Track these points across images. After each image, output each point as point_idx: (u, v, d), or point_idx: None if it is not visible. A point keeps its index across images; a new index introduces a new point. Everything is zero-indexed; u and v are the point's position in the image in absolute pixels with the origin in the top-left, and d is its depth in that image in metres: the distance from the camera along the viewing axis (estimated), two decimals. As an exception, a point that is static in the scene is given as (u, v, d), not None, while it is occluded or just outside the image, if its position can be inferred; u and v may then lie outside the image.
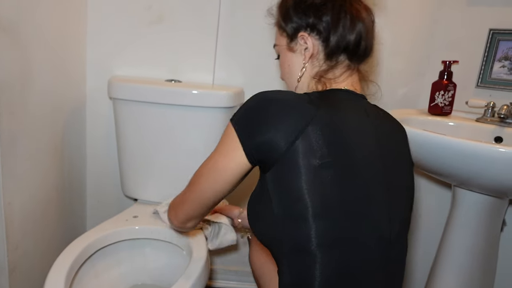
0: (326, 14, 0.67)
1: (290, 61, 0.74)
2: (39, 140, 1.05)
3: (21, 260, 1.00)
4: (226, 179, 0.68)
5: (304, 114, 0.60)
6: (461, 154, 0.85)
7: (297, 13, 0.70)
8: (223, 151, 0.67)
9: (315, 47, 0.69)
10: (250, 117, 0.63)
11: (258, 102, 0.64)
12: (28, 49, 0.95)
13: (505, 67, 1.20)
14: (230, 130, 0.65)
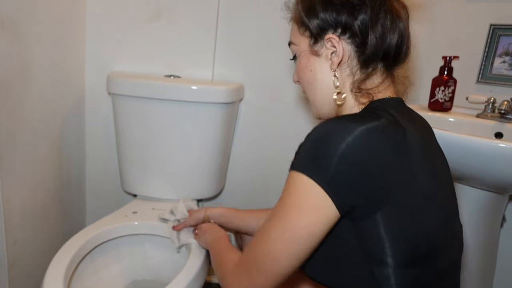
0: (364, 12, 0.57)
1: (312, 66, 0.63)
2: (38, 136, 1.04)
3: (20, 254, 1.00)
4: (311, 244, 0.56)
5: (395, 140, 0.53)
6: (462, 149, 0.85)
7: (327, 9, 0.59)
8: (303, 210, 0.54)
9: (346, 53, 0.60)
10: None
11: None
12: (26, 46, 0.94)
13: (505, 63, 1.19)
14: (308, 183, 0.53)
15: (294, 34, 0.66)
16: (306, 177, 0.53)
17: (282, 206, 0.56)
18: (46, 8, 1.02)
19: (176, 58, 1.29)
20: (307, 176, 0.53)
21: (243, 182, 1.45)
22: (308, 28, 0.62)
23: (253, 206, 1.47)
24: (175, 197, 1.24)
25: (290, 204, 0.55)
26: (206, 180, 1.26)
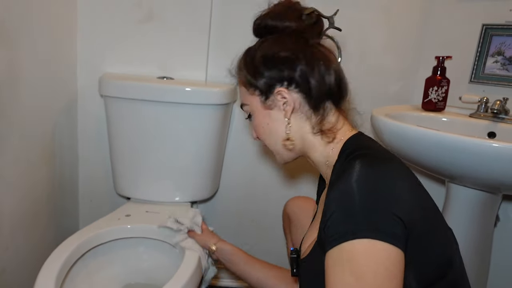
0: (300, 63, 0.65)
1: (268, 119, 0.69)
2: (29, 139, 1.03)
3: (11, 261, 0.99)
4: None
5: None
6: (455, 149, 0.85)
7: (269, 68, 0.66)
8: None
9: (296, 100, 0.66)
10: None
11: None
12: (16, 47, 0.93)
13: (498, 62, 1.20)
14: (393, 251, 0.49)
15: (244, 96, 0.72)
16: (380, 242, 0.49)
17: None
18: (37, 10, 1.01)
19: (169, 59, 1.28)
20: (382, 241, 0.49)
21: (237, 184, 1.44)
22: (257, 88, 0.68)
23: (247, 208, 1.47)
24: (169, 200, 1.24)
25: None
26: (200, 182, 1.25)
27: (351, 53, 1.31)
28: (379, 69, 1.35)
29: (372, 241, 0.48)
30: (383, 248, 0.48)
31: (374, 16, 1.30)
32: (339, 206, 0.52)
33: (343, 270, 0.49)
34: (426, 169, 1.02)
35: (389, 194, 0.51)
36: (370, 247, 0.48)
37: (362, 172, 0.52)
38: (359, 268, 0.48)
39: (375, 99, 1.37)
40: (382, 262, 0.48)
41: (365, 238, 0.48)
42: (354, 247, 0.49)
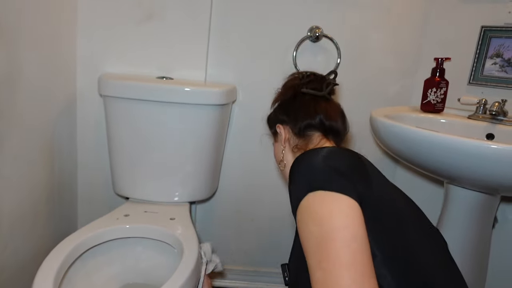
0: (285, 113, 0.85)
1: (276, 149, 0.90)
2: (28, 139, 1.03)
3: (10, 261, 0.99)
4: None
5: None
6: (453, 151, 0.85)
7: (275, 112, 0.89)
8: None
9: (287, 131, 0.84)
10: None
11: None
12: (16, 47, 0.93)
13: (496, 64, 1.20)
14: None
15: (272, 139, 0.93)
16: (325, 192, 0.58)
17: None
18: (36, 9, 1.01)
19: (168, 59, 1.28)
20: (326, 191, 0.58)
21: (236, 184, 1.44)
22: (270, 130, 0.91)
23: (247, 208, 1.47)
24: (168, 200, 1.24)
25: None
26: (199, 182, 1.25)
27: (350, 54, 1.32)
28: (378, 70, 1.35)
29: (323, 192, 0.58)
30: (333, 195, 0.57)
31: (374, 17, 1.30)
32: (291, 181, 0.64)
33: (307, 223, 0.57)
34: (424, 170, 1.03)
35: (327, 159, 0.64)
36: (322, 195, 0.58)
37: (300, 156, 0.68)
38: (317, 215, 0.57)
39: (374, 100, 1.37)
40: (336, 205, 0.56)
41: (316, 190, 0.58)
42: (308, 200, 0.59)
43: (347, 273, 0.52)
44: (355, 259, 0.53)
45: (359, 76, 1.35)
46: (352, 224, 0.55)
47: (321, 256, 0.54)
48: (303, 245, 0.58)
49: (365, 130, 1.39)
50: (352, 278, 0.52)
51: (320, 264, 0.54)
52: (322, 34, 1.28)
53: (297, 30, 1.28)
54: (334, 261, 0.53)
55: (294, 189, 0.63)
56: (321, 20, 1.28)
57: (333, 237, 0.54)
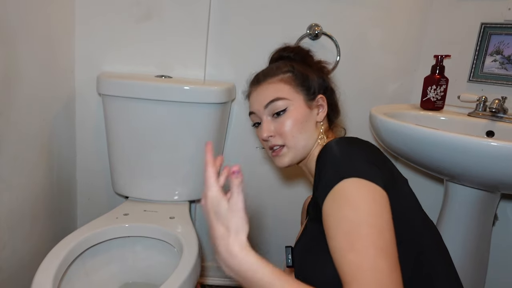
0: (328, 80, 0.83)
1: (307, 117, 0.78)
2: (26, 138, 1.03)
3: (9, 260, 0.99)
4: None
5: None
6: (453, 148, 0.85)
7: (319, 75, 0.81)
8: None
9: (326, 109, 0.80)
10: None
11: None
12: (14, 46, 0.93)
13: (496, 61, 1.20)
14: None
15: (284, 92, 0.78)
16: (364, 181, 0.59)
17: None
18: (35, 8, 1.00)
19: (167, 58, 1.28)
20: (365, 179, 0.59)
21: (236, 183, 1.44)
22: (305, 88, 0.79)
23: (247, 207, 1.47)
24: (167, 199, 1.24)
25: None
26: (198, 180, 1.25)
27: (350, 52, 1.31)
28: (377, 68, 1.35)
29: (357, 179, 0.58)
30: (368, 183, 0.58)
31: (373, 14, 1.30)
32: (325, 167, 0.63)
33: (340, 207, 0.57)
34: (424, 168, 1.02)
35: (360, 149, 0.65)
36: (357, 182, 0.58)
37: (334, 143, 0.66)
38: (352, 200, 0.57)
39: (373, 98, 1.37)
40: (370, 193, 0.57)
41: (351, 177, 0.58)
42: (344, 185, 0.58)
43: (384, 257, 0.52)
44: (388, 247, 0.54)
45: (359, 73, 1.35)
46: (386, 214, 0.57)
47: (354, 240, 0.54)
48: (331, 227, 0.57)
49: (365, 128, 1.38)
50: (388, 263, 0.52)
51: (353, 246, 0.53)
52: (321, 32, 1.27)
53: (296, 27, 1.28)
54: (370, 245, 0.53)
55: (324, 176, 0.62)
56: (321, 18, 1.28)
57: (369, 223, 0.54)
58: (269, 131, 0.78)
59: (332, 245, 0.57)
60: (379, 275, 0.51)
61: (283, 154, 0.78)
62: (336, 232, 0.56)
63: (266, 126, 0.78)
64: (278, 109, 0.77)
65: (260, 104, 0.79)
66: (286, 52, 0.87)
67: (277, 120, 0.77)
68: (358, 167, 0.60)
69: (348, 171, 0.59)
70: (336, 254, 0.55)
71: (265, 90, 0.79)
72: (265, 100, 0.78)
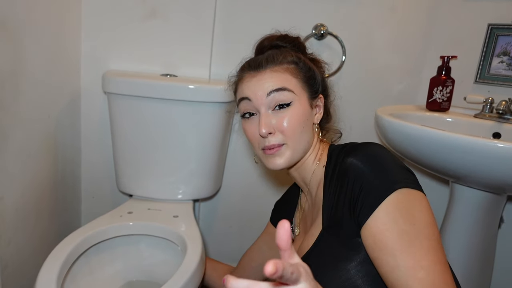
0: (327, 80, 0.78)
1: (308, 116, 0.71)
2: (32, 134, 1.03)
3: (13, 256, 0.99)
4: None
5: None
6: (460, 149, 0.84)
7: (321, 73, 0.77)
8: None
9: (323, 110, 0.76)
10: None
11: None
12: (21, 43, 0.93)
13: (503, 63, 1.19)
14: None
15: (291, 84, 0.70)
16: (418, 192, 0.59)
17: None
18: (41, 6, 1.01)
19: (172, 57, 1.28)
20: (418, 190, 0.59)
21: (240, 182, 1.44)
22: (311, 85, 0.73)
23: (250, 206, 1.47)
24: (171, 198, 1.24)
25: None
26: (202, 180, 1.25)
27: (355, 52, 1.31)
28: (383, 68, 1.34)
29: (409, 189, 0.57)
30: (420, 193, 0.57)
31: (379, 15, 1.29)
32: (361, 182, 0.59)
33: (396, 221, 0.55)
34: (430, 169, 1.02)
35: (387, 155, 0.62)
36: (410, 193, 0.56)
37: (358, 156, 0.62)
38: (408, 212, 0.55)
39: (379, 99, 1.36)
40: (424, 204, 0.57)
41: (402, 188, 0.56)
42: (397, 197, 0.56)
43: (447, 271, 0.54)
44: (444, 256, 0.55)
45: (364, 74, 1.34)
46: (435, 222, 0.57)
47: (419, 256, 0.53)
48: (387, 245, 0.55)
49: (370, 129, 1.38)
50: (450, 276, 0.54)
51: (421, 263, 0.53)
52: (327, 32, 1.27)
53: (302, 27, 1.27)
54: (436, 260, 0.53)
55: (366, 187, 0.58)
56: (326, 18, 1.27)
57: (428, 236, 0.54)
58: (269, 127, 0.67)
59: (391, 263, 0.55)
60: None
61: (280, 154, 0.69)
62: (395, 249, 0.54)
63: (265, 119, 0.67)
64: (282, 101, 0.68)
65: (262, 90, 0.68)
66: (284, 41, 0.78)
67: (278, 115, 0.68)
68: (400, 176, 0.58)
69: (394, 182, 0.57)
70: (399, 273, 0.54)
71: (269, 77, 0.69)
72: (270, 87, 0.68)
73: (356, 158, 0.62)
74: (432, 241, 0.54)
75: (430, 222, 0.55)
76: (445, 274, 0.53)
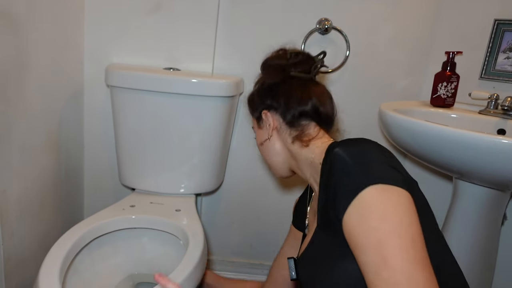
0: (279, 93, 0.77)
1: (262, 137, 0.82)
2: (35, 127, 1.03)
3: (16, 249, 1.00)
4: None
5: None
6: (463, 145, 0.83)
7: (259, 95, 0.81)
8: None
9: (275, 120, 0.78)
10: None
11: None
12: (24, 36, 0.93)
13: (509, 59, 1.18)
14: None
15: (253, 120, 0.85)
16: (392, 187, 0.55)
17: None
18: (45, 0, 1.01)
19: (175, 51, 1.28)
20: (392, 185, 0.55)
21: (242, 177, 1.44)
22: (253, 111, 0.83)
23: (253, 201, 1.47)
24: (174, 192, 1.24)
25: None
26: (205, 174, 1.25)
27: (360, 47, 1.30)
28: (387, 64, 1.33)
29: (382, 185, 0.54)
30: (394, 189, 0.54)
31: (384, 9, 1.28)
32: (340, 176, 0.58)
33: (366, 218, 0.53)
34: (434, 165, 1.01)
35: (373, 151, 0.60)
36: (383, 189, 0.54)
37: (341, 149, 0.61)
38: (379, 210, 0.52)
39: (383, 94, 1.36)
40: (398, 200, 0.53)
41: (375, 184, 0.54)
42: (368, 194, 0.54)
43: (420, 270, 0.50)
44: (422, 256, 0.51)
45: (368, 69, 1.33)
46: (415, 219, 0.53)
47: (386, 254, 0.51)
48: (358, 242, 0.54)
49: (373, 124, 1.37)
50: (425, 276, 0.50)
51: (387, 263, 0.50)
52: (331, 27, 1.26)
53: (305, 22, 1.27)
54: (404, 259, 0.50)
55: (341, 186, 0.58)
56: (331, 12, 1.26)
57: (400, 234, 0.51)
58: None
59: (362, 259, 0.53)
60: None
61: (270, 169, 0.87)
62: (364, 245, 0.53)
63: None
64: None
65: None
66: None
67: None
68: (379, 172, 0.56)
69: (370, 178, 0.55)
70: (367, 270, 0.52)
71: None
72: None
73: (341, 150, 0.61)
74: (405, 239, 0.51)
75: (405, 220, 0.52)
76: (413, 274, 0.49)
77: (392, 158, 0.61)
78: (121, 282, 1.04)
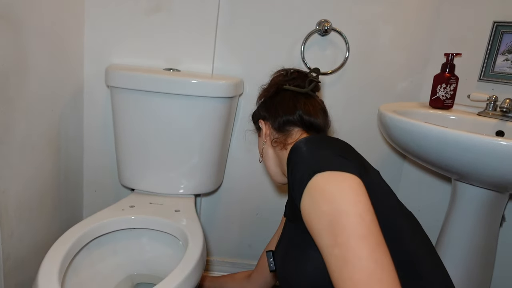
0: (270, 106, 0.87)
1: (261, 145, 0.91)
2: (35, 127, 1.03)
3: (16, 248, 1.00)
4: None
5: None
6: (462, 147, 0.84)
7: (257, 114, 0.92)
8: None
9: (267, 127, 0.87)
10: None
11: None
12: (24, 36, 0.93)
13: (508, 61, 1.18)
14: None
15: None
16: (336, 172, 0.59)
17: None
18: (44, 0, 1.01)
19: (175, 51, 1.28)
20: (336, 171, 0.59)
21: (242, 177, 1.44)
22: (254, 125, 0.94)
23: (252, 202, 1.47)
24: (173, 192, 1.24)
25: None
26: (204, 174, 1.25)
27: (359, 48, 1.30)
28: (387, 65, 1.34)
29: (330, 172, 0.59)
30: (341, 174, 0.59)
31: (384, 11, 1.29)
32: (296, 166, 0.64)
33: (317, 203, 0.57)
34: (433, 166, 1.01)
35: (328, 144, 0.67)
36: (329, 175, 0.58)
37: (301, 142, 0.68)
38: (327, 193, 0.57)
39: (382, 96, 1.36)
40: (345, 183, 0.57)
41: (322, 171, 0.59)
42: (317, 180, 0.59)
43: (365, 244, 0.53)
44: (370, 230, 0.54)
45: (368, 70, 1.34)
46: (363, 198, 0.57)
47: (336, 233, 0.54)
48: (314, 227, 0.58)
49: (372, 125, 1.38)
50: (371, 248, 0.52)
51: (336, 241, 0.54)
52: (331, 28, 1.27)
53: (305, 23, 1.27)
54: (350, 235, 0.53)
55: (296, 175, 0.63)
56: (330, 14, 1.27)
57: (347, 213, 0.54)
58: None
59: (318, 242, 0.57)
60: (364, 262, 0.51)
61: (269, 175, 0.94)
62: (317, 230, 0.57)
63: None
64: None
65: None
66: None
67: None
68: (328, 161, 0.61)
69: (319, 166, 0.60)
70: (323, 251, 0.56)
71: None
72: None
73: (298, 144, 0.68)
74: (353, 217, 0.54)
75: (352, 199, 0.56)
76: (359, 249, 0.52)
77: (349, 151, 0.68)
78: (120, 282, 1.05)
